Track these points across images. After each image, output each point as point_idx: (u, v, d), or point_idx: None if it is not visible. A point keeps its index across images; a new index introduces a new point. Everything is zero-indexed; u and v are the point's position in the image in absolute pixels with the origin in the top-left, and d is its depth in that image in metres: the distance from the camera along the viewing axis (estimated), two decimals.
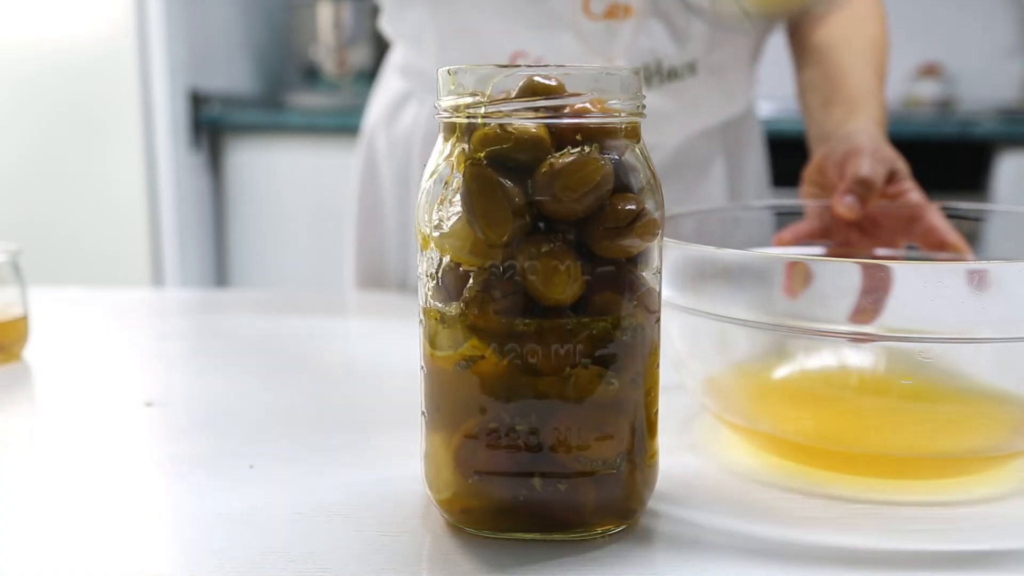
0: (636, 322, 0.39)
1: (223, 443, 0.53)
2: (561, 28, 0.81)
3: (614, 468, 0.39)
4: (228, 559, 0.39)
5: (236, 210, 2.26)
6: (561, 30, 0.81)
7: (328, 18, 2.38)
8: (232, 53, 2.37)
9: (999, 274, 0.44)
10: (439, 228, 0.39)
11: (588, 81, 0.38)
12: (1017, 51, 2.45)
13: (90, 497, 0.46)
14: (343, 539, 0.41)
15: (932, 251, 0.65)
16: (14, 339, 0.70)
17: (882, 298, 0.46)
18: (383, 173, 1.01)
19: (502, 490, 0.39)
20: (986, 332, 0.45)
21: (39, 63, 2.05)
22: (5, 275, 0.70)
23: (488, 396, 0.39)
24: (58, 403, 0.63)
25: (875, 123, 0.74)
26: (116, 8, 2.02)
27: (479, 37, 0.85)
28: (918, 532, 0.42)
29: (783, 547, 0.40)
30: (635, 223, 0.38)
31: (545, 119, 0.38)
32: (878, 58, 0.81)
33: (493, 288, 0.38)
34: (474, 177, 0.38)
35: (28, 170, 2.10)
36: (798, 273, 0.51)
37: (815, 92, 0.81)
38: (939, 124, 2.09)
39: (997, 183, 2.02)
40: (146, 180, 2.09)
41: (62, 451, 0.52)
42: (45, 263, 1.46)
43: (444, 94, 0.39)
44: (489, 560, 0.39)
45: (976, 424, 0.50)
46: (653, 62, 0.83)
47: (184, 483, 0.48)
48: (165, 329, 0.86)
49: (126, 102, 2.06)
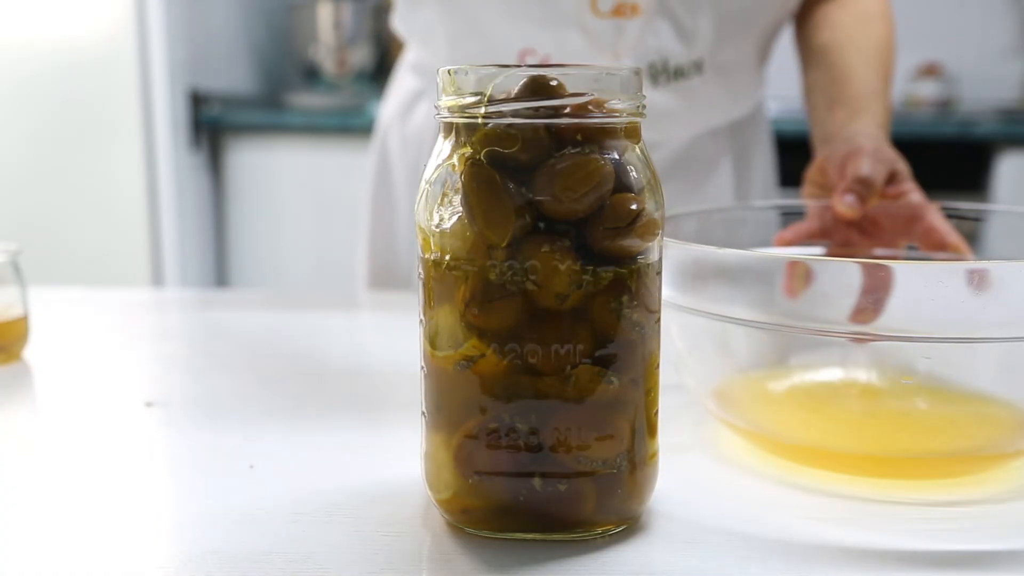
0: (636, 322, 0.39)
1: (223, 443, 0.53)
2: (568, 26, 0.82)
3: (614, 468, 0.39)
4: (228, 559, 0.39)
5: (236, 210, 2.26)
6: (568, 28, 0.82)
7: (328, 18, 2.38)
8: (232, 53, 2.37)
9: (999, 274, 0.44)
10: (439, 228, 0.39)
11: (589, 81, 0.38)
12: (1017, 51, 2.45)
13: (90, 497, 0.46)
14: (343, 539, 0.41)
15: (932, 252, 0.65)
16: (14, 339, 0.70)
17: (882, 298, 0.46)
18: (396, 171, 1.02)
19: (502, 490, 0.39)
20: (986, 332, 0.45)
21: (39, 63, 2.05)
22: (5, 275, 0.70)
23: (488, 396, 0.39)
24: (58, 403, 0.63)
25: (878, 125, 0.74)
26: (116, 8, 2.02)
27: (488, 35, 0.85)
28: (918, 532, 0.42)
29: (783, 547, 0.40)
30: (635, 223, 0.38)
31: (545, 119, 0.38)
32: (884, 60, 0.81)
33: (493, 288, 0.38)
34: (474, 177, 0.38)
35: (28, 170, 2.10)
36: (798, 273, 0.51)
37: (820, 93, 0.81)
38: (939, 124, 2.09)
39: (997, 183, 2.02)
40: (146, 180, 2.09)
41: (62, 451, 0.52)
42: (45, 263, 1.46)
43: (444, 94, 0.39)
44: (489, 560, 0.39)
45: (976, 424, 0.50)
46: (660, 61, 0.83)
47: (184, 483, 0.48)
48: (165, 329, 0.86)
49: (126, 102, 2.06)
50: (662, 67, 0.84)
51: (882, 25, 0.84)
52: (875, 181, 0.67)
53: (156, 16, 2.03)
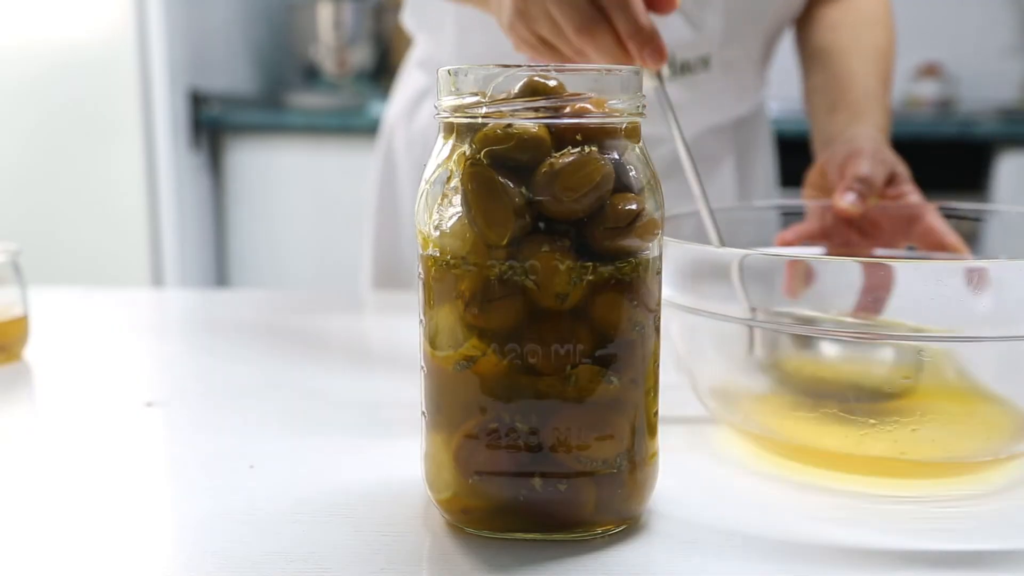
0: (636, 322, 0.39)
1: (223, 443, 0.53)
2: None
3: (614, 468, 0.39)
4: (228, 559, 0.39)
5: (236, 210, 2.26)
6: None
7: (328, 18, 2.38)
8: (232, 53, 2.37)
9: (999, 273, 0.44)
10: (439, 228, 0.39)
11: (588, 81, 0.38)
12: (1017, 51, 2.45)
13: (90, 497, 0.46)
14: (343, 539, 0.41)
15: (931, 252, 0.65)
16: (14, 339, 0.70)
17: (882, 297, 0.46)
18: (401, 170, 1.02)
19: (502, 490, 0.39)
20: (986, 331, 0.45)
21: (39, 63, 2.05)
22: (5, 275, 0.70)
23: (488, 396, 0.39)
24: (58, 403, 0.63)
25: (878, 129, 0.74)
26: (116, 8, 2.02)
27: (496, 28, 0.86)
28: (918, 531, 0.42)
29: (783, 546, 0.40)
30: (635, 223, 0.38)
31: (545, 119, 0.38)
32: (884, 64, 0.81)
33: (493, 288, 0.38)
34: (474, 177, 0.38)
35: (28, 170, 2.10)
36: (799, 272, 0.51)
37: (821, 97, 0.82)
38: (939, 124, 2.09)
39: (997, 183, 2.02)
40: (146, 180, 2.09)
41: (62, 451, 0.52)
42: (45, 263, 1.46)
43: (444, 94, 0.39)
44: (489, 560, 0.39)
45: (976, 425, 0.50)
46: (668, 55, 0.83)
47: (184, 483, 0.48)
48: (165, 329, 0.86)
49: (126, 102, 2.06)
50: (669, 61, 0.84)
51: (883, 28, 0.84)
52: (874, 180, 0.67)
53: (156, 16, 2.03)
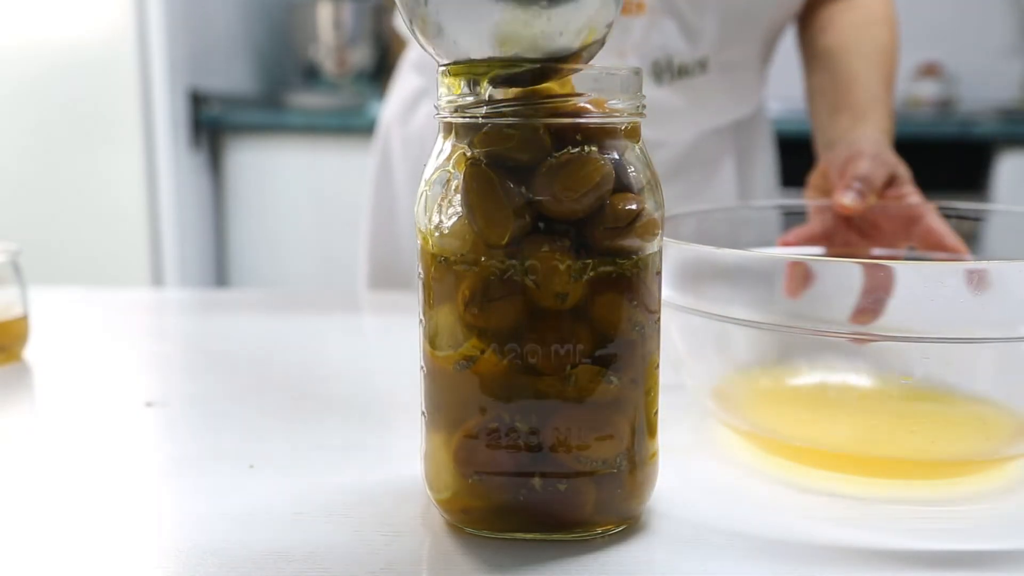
0: (636, 322, 0.39)
1: (223, 443, 0.53)
2: None
3: (614, 468, 0.39)
4: (228, 559, 0.39)
5: (236, 210, 2.26)
6: None
7: (328, 18, 2.38)
8: (232, 53, 2.37)
9: (999, 274, 0.44)
10: (439, 228, 0.39)
11: (588, 81, 0.38)
12: (1017, 51, 2.45)
13: (90, 497, 0.46)
14: (343, 539, 0.41)
15: (930, 253, 0.65)
16: (14, 339, 0.70)
17: (883, 298, 0.46)
18: (397, 171, 1.02)
19: (502, 490, 0.39)
20: (986, 332, 0.45)
21: (39, 63, 2.05)
22: (5, 275, 0.70)
23: (488, 396, 0.39)
24: (58, 403, 0.63)
25: (881, 131, 0.74)
26: (116, 8, 2.02)
27: None
28: (918, 531, 0.42)
29: (783, 546, 0.40)
30: (635, 223, 0.38)
31: (545, 119, 0.38)
32: (887, 65, 0.81)
33: (493, 288, 0.38)
34: (474, 177, 0.38)
35: (28, 170, 2.10)
36: (798, 273, 0.51)
37: (823, 98, 0.81)
38: (939, 124, 2.09)
39: (997, 183, 2.02)
40: (146, 180, 2.09)
41: (62, 451, 0.52)
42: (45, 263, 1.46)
43: (444, 94, 0.39)
44: (489, 560, 0.39)
45: (976, 425, 0.50)
46: (664, 59, 0.83)
47: (184, 483, 0.48)
48: (165, 329, 0.86)
49: (126, 102, 2.06)
50: (666, 65, 0.84)
51: (886, 29, 0.84)
52: (874, 179, 0.67)
53: (156, 16, 2.03)
